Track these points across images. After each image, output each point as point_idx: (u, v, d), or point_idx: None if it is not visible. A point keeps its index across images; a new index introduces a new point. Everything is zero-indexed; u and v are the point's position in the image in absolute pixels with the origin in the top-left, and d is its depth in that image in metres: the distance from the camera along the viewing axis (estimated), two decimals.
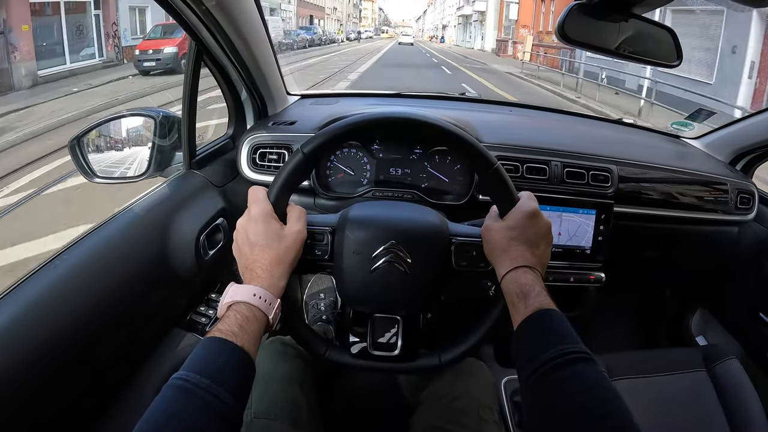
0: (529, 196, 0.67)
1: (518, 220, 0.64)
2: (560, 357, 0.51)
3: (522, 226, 0.64)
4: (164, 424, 0.46)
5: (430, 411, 0.79)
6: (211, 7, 0.75)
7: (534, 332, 0.56)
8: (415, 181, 1.06)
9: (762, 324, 1.22)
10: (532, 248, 0.63)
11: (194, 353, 0.52)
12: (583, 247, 1.06)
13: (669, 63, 0.95)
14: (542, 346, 0.53)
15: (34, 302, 0.65)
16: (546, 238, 0.65)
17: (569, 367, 0.50)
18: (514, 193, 0.66)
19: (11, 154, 4.88)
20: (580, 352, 0.51)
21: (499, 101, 1.69)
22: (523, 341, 0.56)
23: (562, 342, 0.53)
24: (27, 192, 3.84)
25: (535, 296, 0.58)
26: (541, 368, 0.51)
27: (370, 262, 0.66)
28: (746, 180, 1.24)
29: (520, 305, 0.58)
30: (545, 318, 0.56)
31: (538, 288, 0.59)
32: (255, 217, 0.62)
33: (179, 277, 0.91)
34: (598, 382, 0.50)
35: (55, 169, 4.19)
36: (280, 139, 1.07)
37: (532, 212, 0.64)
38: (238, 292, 0.58)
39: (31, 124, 5.83)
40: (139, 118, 1.02)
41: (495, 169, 0.67)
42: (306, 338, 0.71)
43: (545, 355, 0.51)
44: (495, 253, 0.64)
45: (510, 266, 0.61)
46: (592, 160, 1.09)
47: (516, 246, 0.63)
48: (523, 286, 0.59)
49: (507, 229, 0.64)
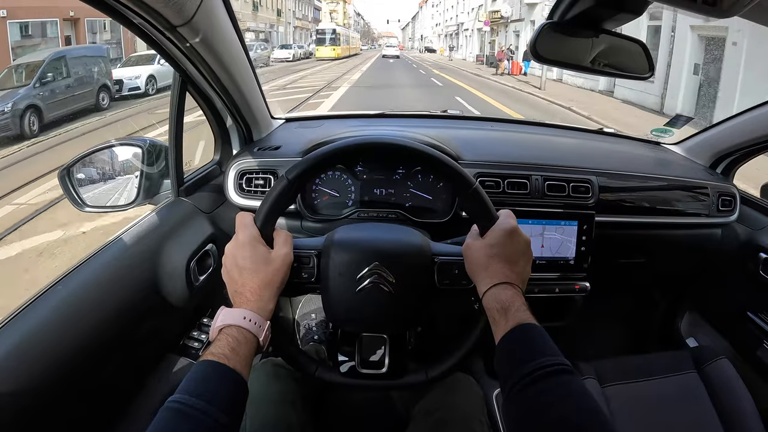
0: (508, 214, 0.69)
1: (498, 237, 0.66)
2: (539, 370, 0.52)
3: (501, 243, 0.65)
4: None
5: (421, 426, 0.80)
6: (193, 42, 0.76)
7: (514, 346, 0.57)
8: (399, 200, 1.08)
9: (750, 323, 1.24)
10: (512, 265, 0.64)
11: (188, 376, 0.54)
12: (567, 258, 1.07)
13: (642, 75, 0.98)
14: (522, 359, 0.54)
15: (29, 335, 0.67)
16: (525, 255, 0.67)
17: (548, 379, 0.52)
18: (493, 212, 0.68)
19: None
20: (559, 365, 0.52)
21: (479, 117, 1.71)
22: (503, 356, 0.58)
23: (541, 355, 0.54)
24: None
25: (514, 311, 0.59)
26: (521, 381, 0.52)
27: (355, 284, 0.68)
28: (727, 182, 1.26)
29: (501, 321, 0.59)
30: (525, 332, 0.57)
31: (518, 303, 0.60)
32: (243, 243, 0.64)
33: (171, 304, 0.92)
34: (577, 392, 0.51)
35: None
36: (265, 164, 1.08)
37: (511, 230, 0.66)
38: (228, 316, 0.60)
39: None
40: (127, 147, 1.04)
41: (474, 189, 0.69)
42: (296, 358, 0.73)
43: (525, 368, 0.53)
44: (475, 270, 0.66)
45: (490, 283, 0.63)
46: (572, 172, 1.11)
47: (496, 263, 0.64)
48: (503, 302, 0.60)
49: (487, 247, 0.66)
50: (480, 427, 0.80)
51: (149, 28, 0.71)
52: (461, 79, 17.20)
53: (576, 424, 0.48)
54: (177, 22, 0.70)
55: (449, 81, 16.66)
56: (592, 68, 0.91)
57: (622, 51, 0.95)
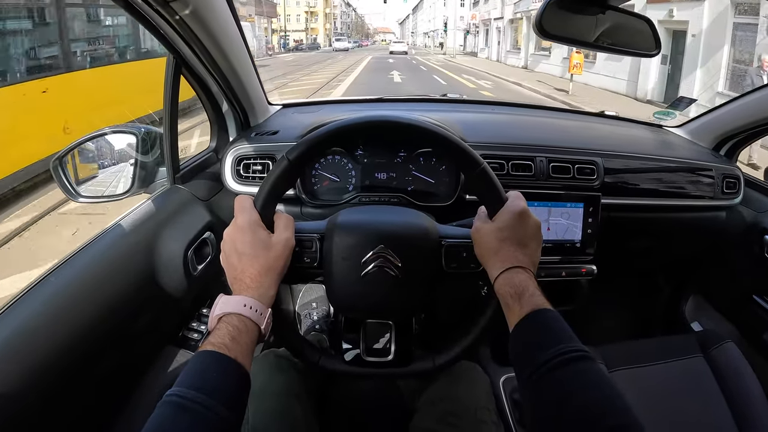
0: (518, 195, 0.67)
1: (508, 220, 0.64)
2: (558, 357, 0.50)
3: (511, 226, 0.63)
4: None
5: (427, 415, 0.79)
6: (186, 17, 0.73)
7: (531, 333, 0.56)
8: (401, 184, 1.06)
9: (756, 306, 1.23)
10: (523, 248, 0.62)
11: (187, 368, 0.51)
12: (573, 241, 1.06)
13: (648, 52, 0.96)
14: (540, 346, 0.53)
15: (20, 329, 0.64)
16: (536, 238, 0.65)
17: (567, 367, 0.50)
18: (502, 193, 0.66)
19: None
20: (578, 351, 0.51)
21: (482, 101, 1.69)
22: (520, 342, 0.56)
23: (559, 342, 0.52)
24: None
25: (529, 296, 0.57)
26: (540, 369, 0.51)
27: (359, 268, 0.65)
28: (731, 164, 1.25)
29: (515, 306, 0.57)
30: (541, 318, 0.56)
31: (531, 288, 0.58)
32: (242, 227, 0.62)
33: (169, 295, 0.89)
34: (597, 380, 0.50)
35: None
36: (263, 149, 1.06)
37: (522, 212, 0.64)
38: (228, 304, 0.57)
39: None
40: (121, 135, 1.01)
41: (482, 169, 0.66)
42: (298, 348, 0.71)
43: (543, 356, 0.51)
44: (486, 254, 0.64)
45: (502, 267, 0.61)
46: (577, 154, 1.10)
47: (507, 247, 0.62)
48: (517, 286, 0.59)
49: (497, 230, 0.64)
50: (487, 415, 0.79)
51: (141, 4, 0.68)
52: None
53: (599, 412, 0.46)
54: None
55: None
56: (597, 45, 0.89)
57: (628, 28, 0.93)
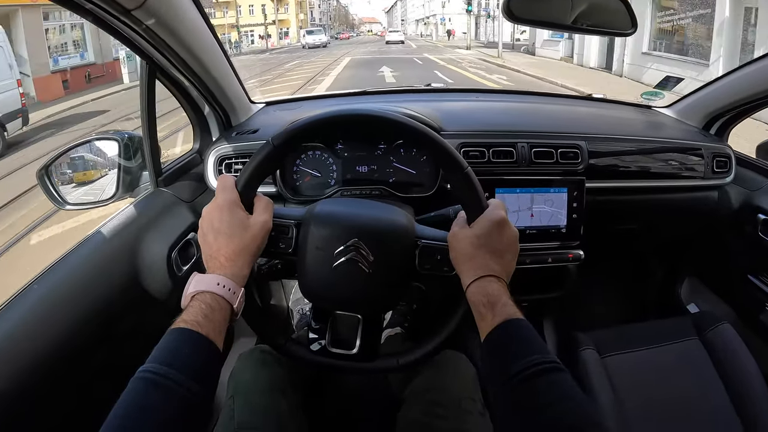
0: (499, 204, 0.66)
1: (485, 228, 0.63)
2: (531, 368, 0.50)
3: (488, 234, 0.63)
4: (134, 416, 0.46)
5: (414, 406, 0.79)
6: (152, 25, 0.73)
7: (502, 343, 0.56)
8: (382, 176, 1.05)
9: (751, 286, 1.22)
10: (498, 258, 0.62)
11: (159, 345, 0.52)
12: (558, 226, 1.05)
13: (625, 32, 0.95)
14: (512, 357, 0.53)
15: (7, 333, 0.65)
16: (512, 248, 0.64)
17: (540, 378, 0.50)
18: (483, 200, 0.65)
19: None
20: (549, 362, 0.51)
21: (464, 89, 1.67)
22: (492, 352, 0.56)
23: (531, 353, 0.52)
24: None
25: (501, 306, 0.57)
26: (512, 380, 0.51)
27: (332, 259, 0.66)
28: (721, 143, 1.23)
29: (488, 315, 0.57)
30: (513, 328, 0.56)
31: (504, 298, 0.58)
32: (221, 205, 0.63)
33: (154, 297, 0.90)
34: (569, 391, 0.50)
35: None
36: (243, 148, 1.06)
37: (500, 221, 0.64)
38: (201, 282, 0.58)
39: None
40: (104, 142, 1.03)
41: (465, 173, 0.66)
42: (262, 329, 0.72)
43: (515, 367, 0.51)
44: (460, 260, 0.64)
45: (475, 275, 0.61)
46: (560, 138, 1.08)
47: (482, 254, 0.62)
48: (490, 295, 0.58)
49: (474, 237, 0.63)
50: (472, 405, 0.79)
51: (102, 13, 0.67)
52: None
53: (572, 423, 0.47)
54: (130, 5, 0.66)
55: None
56: (572, 26, 0.88)
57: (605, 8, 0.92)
